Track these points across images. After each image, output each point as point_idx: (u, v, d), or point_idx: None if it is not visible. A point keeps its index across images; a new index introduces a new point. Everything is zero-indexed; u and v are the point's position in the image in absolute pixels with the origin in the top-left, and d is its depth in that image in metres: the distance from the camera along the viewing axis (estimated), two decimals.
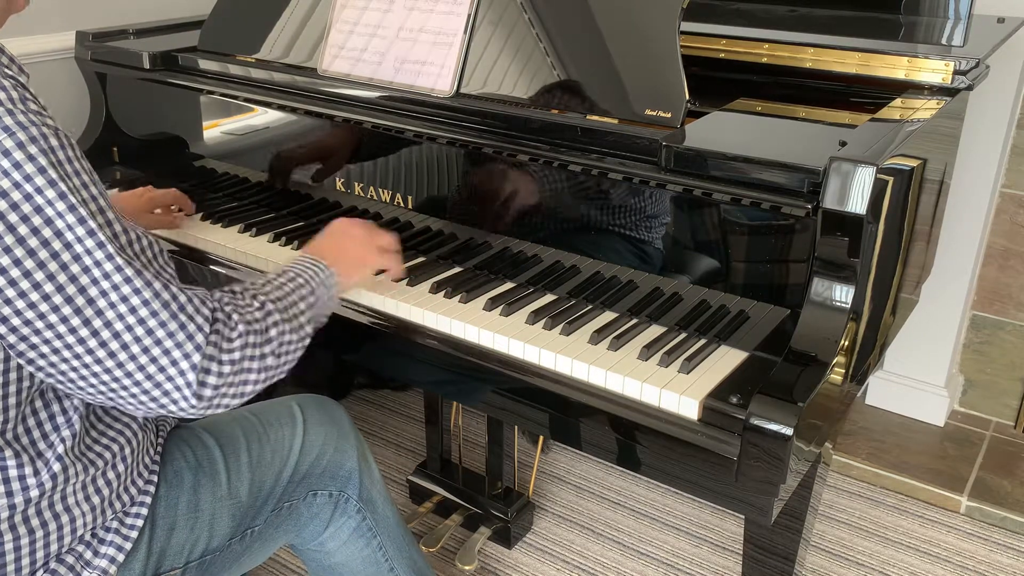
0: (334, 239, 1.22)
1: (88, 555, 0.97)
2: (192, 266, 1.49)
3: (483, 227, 1.35)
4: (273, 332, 0.97)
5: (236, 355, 0.91)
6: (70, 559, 0.96)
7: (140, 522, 1.01)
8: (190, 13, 2.01)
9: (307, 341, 1.04)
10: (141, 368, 0.86)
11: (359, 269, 1.22)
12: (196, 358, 0.87)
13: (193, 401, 0.88)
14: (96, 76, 1.79)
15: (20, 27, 1.79)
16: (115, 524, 1.00)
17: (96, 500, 0.97)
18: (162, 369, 0.86)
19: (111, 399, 0.89)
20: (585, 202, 1.25)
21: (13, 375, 0.87)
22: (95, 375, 0.86)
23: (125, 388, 0.87)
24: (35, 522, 0.92)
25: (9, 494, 0.89)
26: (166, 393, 0.87)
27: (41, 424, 0.92)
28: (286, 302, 1.02)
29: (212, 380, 0.89)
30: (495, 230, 1.34)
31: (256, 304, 0.97)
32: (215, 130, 1.64)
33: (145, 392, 0.87)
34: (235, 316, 0.93)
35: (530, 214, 1.30)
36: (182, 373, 0.87)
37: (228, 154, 1.63)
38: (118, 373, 0.85)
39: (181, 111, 1.67)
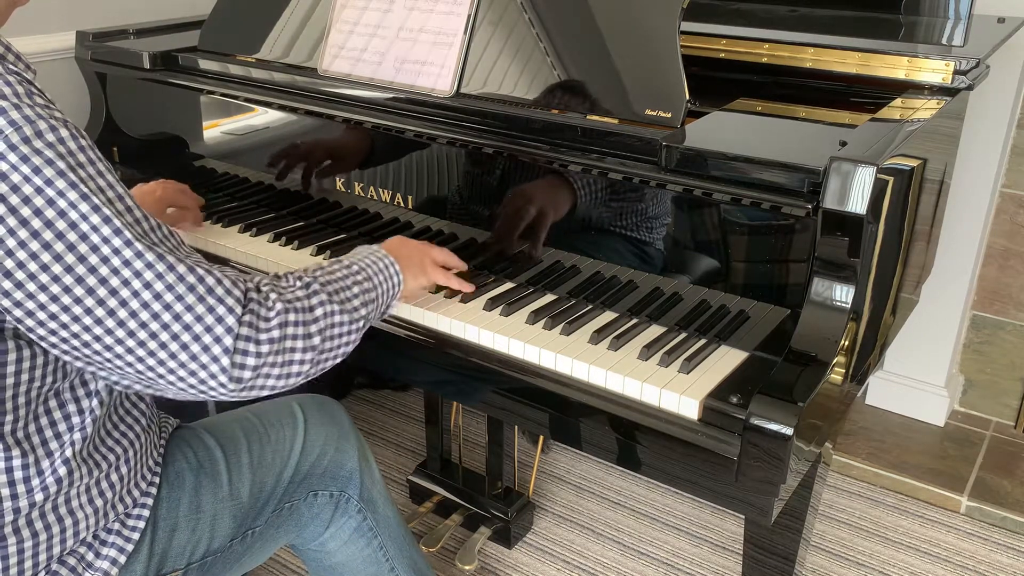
0: (392, 245, 1.22)
1: (90, 557, 0.97)
2: None
3: (483, 227, 1.35)
4: (319, 311, 0.95)
5: (275, 333, 0.89)
6: (71, 561, 0.96)
7: (142, 524, 1.01)
8: (190, 13, 2.01)
9: (361, 326, 1.02)
10: (173, 356, 0.85)
11: (420, 276, 1.21)
12: (228, 340, 0.86)
13: (231, 385, 0.87)
14: (96, 76, 1.79)
15: (20, 27, 1.78)
16: (117, 526, 1.00)
17: (100, 503, 0.97)
18: (194, 356, 0.85)
19: (149, 385, 0.89)
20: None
21: (25, 376, 0.87)
22: (129, 364, 0.85)
23: (162, 376, 0.86)
24: (39, 525, 0.92)
25: (14, 497, 0.89)
26: (202, 380, 0.86)
27: (54, 424, 0.92)
28: (336, 285, 1.01)
29: (251, 361, 0.87)
30: (495, 230, 1.34)
31: (299, 284, 0.97)
32: (215, 130, 1.64)
33: (181, 379, 0.86)
34: (273, 295, 0.91)
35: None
36: (215, 359, 0.85)
37: (228, 154, 1.63)
38: (151, 361, 0.85)
39: (181, 111, 1.67)
